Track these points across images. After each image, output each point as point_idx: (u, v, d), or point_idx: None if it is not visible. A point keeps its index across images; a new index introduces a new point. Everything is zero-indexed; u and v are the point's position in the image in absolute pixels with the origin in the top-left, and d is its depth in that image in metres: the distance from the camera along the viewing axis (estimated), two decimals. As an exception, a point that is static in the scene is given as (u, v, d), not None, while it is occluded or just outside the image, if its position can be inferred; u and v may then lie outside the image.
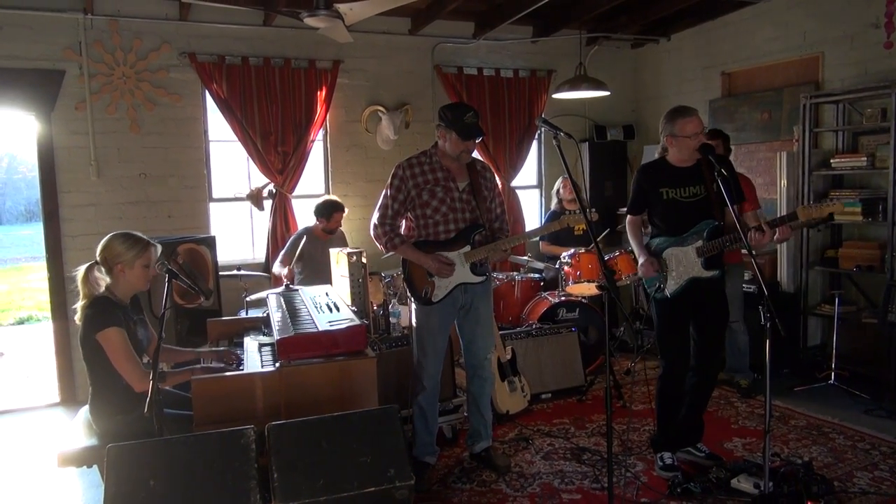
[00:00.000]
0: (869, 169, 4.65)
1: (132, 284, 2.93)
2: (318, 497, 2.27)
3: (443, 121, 3.27)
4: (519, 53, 6.24)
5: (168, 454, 2.30)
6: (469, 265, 3.33)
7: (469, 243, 3.33)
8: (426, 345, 3.39)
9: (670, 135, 3.24)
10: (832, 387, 4.57)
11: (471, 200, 3.36)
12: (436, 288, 3.31)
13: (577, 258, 4.93)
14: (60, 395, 5.01)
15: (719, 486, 3.19)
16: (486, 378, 3.55)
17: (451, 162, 3.33)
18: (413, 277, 3.37)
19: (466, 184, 3.36)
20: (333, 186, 5.72)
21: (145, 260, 2.90)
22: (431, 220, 3.32)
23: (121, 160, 5.06)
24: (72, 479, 3.62)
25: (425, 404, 3.44)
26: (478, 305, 3.43)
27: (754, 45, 5.58)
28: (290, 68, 5.36)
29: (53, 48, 4.80)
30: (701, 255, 3.23)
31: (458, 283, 3.33)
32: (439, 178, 3.31)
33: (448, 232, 3.33)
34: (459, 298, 3.38)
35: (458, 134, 3.22)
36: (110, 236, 2.92)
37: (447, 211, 3.31)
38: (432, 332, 3.38)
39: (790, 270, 5.09)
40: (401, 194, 3.32)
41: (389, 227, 3.33)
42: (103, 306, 2.82)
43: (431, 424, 3.51)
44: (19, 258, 16.52)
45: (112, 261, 2.86)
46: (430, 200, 3.30)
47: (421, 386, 3.42)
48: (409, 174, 3.31)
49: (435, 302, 3.33)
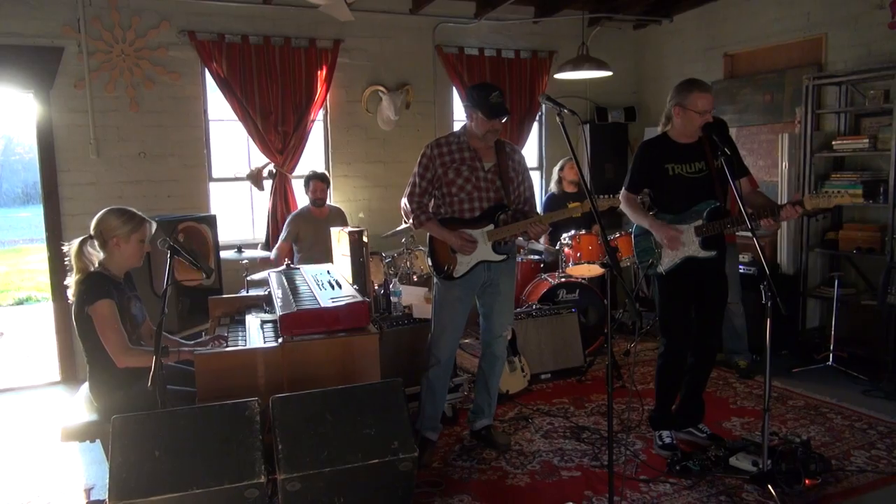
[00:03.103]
0: (871, 151, 4.64)
1: (126, 259, 2.93)
2: (323, 468, 2.28)
3: (469, 100, 3.30)
4: (520, 34, 6.20)
5: (173, 426, 2.31)
6: (491, 244, 3.35)
7: (493, 222, 3.35)
8: (444, 319, 3.42)
9: (679, 105, 3.19)
10: (830, 368, 4.59)
11: (496, 181, 3.37)
12: (458, 264, 3.35)
13: (578, 239, 4.92)
14: (61, 374, 5.02)
15: (718, 465, 3.22)
16: (498, 356, 3.57)
17: (478, 142, 3.35)
18: (436, 253, 3.41)
19: (493, 164, 3.38)
20: (334, 167, 5.70)
21: (141, 235, 2.92)
22: (457, 199, 3.35)
23: (120, 139, 5.03)
24: (74, 455, 3.64)
25: (435, 379, 3.47)
26: (500, 284, 3.46)
27: (757, 26, 5.55)
28: (290, 47, 5.32)
29: (51, 25, 4.75)
30: (699, 234, 3.22)
31: (479, 260, 3.36)
32: (465, 158, 3.34)
33: (472, 210, 3.35)
34: (482, 276, 3.40)
35: (483, 113, 3.23)
36: (106, 210, 2.92)
37: (472, 189, 3.34)
38: (452, 308, 3.41)
39: (790, 252, 5.10)
40: (428, 173, 3.36)
41: (417, 205, 3.38)
42: (96, 280, 2.83)
43: (439, 401, 3.54)
44: (17, 240, 16.48)
45: (107, 234, 2.86)
46: (456, 179, 3.33)
47: (434, 359, 3.45)
48: (436, 153, 3.35)
49: (456, 277, 3.36)
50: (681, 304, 3.37)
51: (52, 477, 3.45)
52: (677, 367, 3.43)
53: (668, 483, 3.13)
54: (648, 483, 3.15)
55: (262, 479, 2.24)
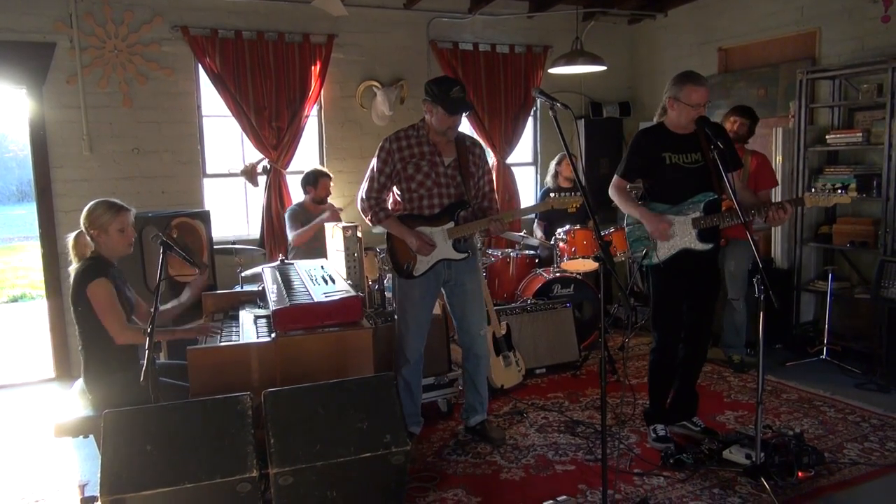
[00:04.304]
0: (864, 145, 4.65)
1: (113, 248, 3.02)
2: (315, 462, 2.28)
3: (429, 95, 3.24)
4: (515, 29, 6.19)
5: (165, 420, 2.31)
6: (451, 241, 3.33)
7: (453, 220, 3.32)
8: (408, 319, 3.40)
9: (674, 97, 3.19)
10: (824, 362, 4.60)
11: (456, 176, 3.34)
12: (417, 262, 3.32)
13: (572, 234, 4.93)
14: (55, 371, 5.01)
15: (711, 458, 3.22)
16: (480, 356, 3.55)
17: (438, 137, 3.30)
18: (395, 251, 3.37)
19: (453, 159, 3.34)
20: (328, 162, 5.69)
21: (119, 224, 2.99)
22: (416, 195, 3.31)
23: (113, 135, 5.01)
24: (69, 451, 3.64)
25: (409, 377, 3.46)
26: (464, 282, 3.43)
27: (751, 20, 5.55)
28: (283, 42, 5.31)
29: (43, 20, 4.73)
30: (696, 226, 3.22)
31: (439, 258, 3.33)
32: (425, 153, 3.30)
33: (433, 207, 3.32)
34: (442, 274, 3.38)
35: (444, 109, 3.19)
36: (91, 203, 3.03)
37: (432, 185, 3.30)
38: (414, 306, 3.38)
39: (784, 247, 5.11)
40: (387, 167, 3.31)
41: (375, 201, 3.33)
42: (93, 262, 2.95)
43: (416, 396, 3.53)
44: (12, 238, 16.43)
45: (90, 227, 2.98)
46: (416, 174, 3.29)
47: (404, 359, 3.43)
48: (395, 147, 3.30)
49: (416, 276, 3.33)
50: (673, 299, 3.37)
51: (46, 473, 3.44)
52: (669, 362, 3.44)
53: (661, 476, 3.14)
54: (642, 476, 3.15)
55: (254, 473, 2.24)
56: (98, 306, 2.85)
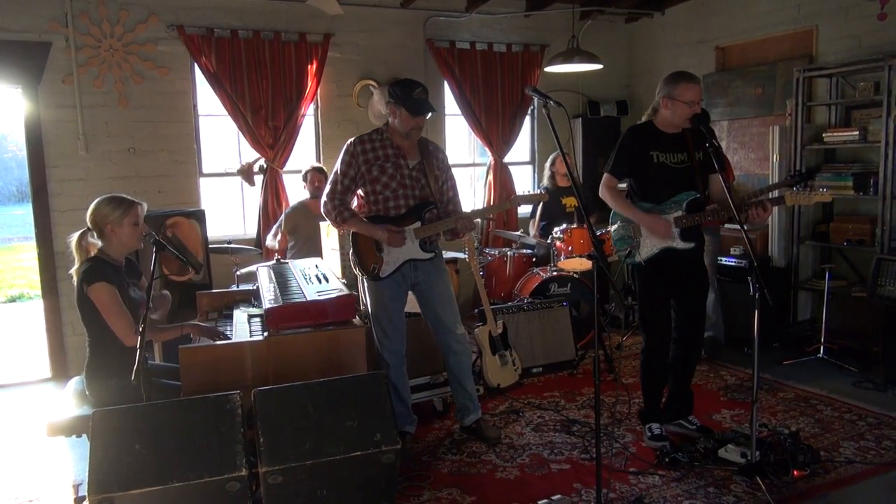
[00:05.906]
0: (861, 143, 4.64)
1: (124, 243, 2.99)
2: (305, 461, 2.27)
3: (392, 97, 3.25)
4: (512, 28, 6.18)
5: (154, 419, 2.30)
6: (418, 242, 3.32)
7: (419, 220, 3.32)
8: (382, 321, 3.38)
9: (668, 96, 3.19)
10: (821, 360, 4.59)
11: (420, 178, 3.34)
12: (384, 264, 3.31)
13: (569, 234, 4.92)
14: (52, 371, 5.00)
15: (707, 456, 3.21)
16: (460, 352, 3.52)
17: (402, 139, 3.31)
18: (361, 253, 3.34)
19: (417, 162, 3.35)
20: (325, 161, 5.67)
21: (133, 217, 2.97)
22: (381, 196, 3.31)
23: (109, 134, 5.00)
24: (63, 451, 3.63)
25: (394, 378, 3.43)
26: (433, 284, 3.42)
27: (748, 18, 5.54)
28: (280, 42, 5.30)
29: (38, 19, 4.72)
30: (678, 225, 3.22)
31: (406, 258, 3.32)
32: (389, 155, 3.30)
33: (398, 208, 3.32)
34: (409, 275, 3.37)
35: (407, 110, 3.20)
36: (97, 200, 3.00)
37: (397, 187, 3.30)
38: (386, 308, 3.37)
39: (781, 245, 5.10)
40: (351, 170, 3.31)
41: (339, 202, 3.32)
42: (95, 263, 2.92)
43: (405, 396, 3.51)
44: (11, 238, 16.43)
45: (101, 222, 2.94)
46: (381, 176, 3.29)
47: (386, 363, 3.41)
48: (359, 150, 3.30)
49: (383, 277, 3.32)
50: (659, 298, 3.36)
51: (40, 473, 3.43)
52: (660, 361, 3.43)
53: (657, 475, 3.13)
54: (637, 475, 3.14)
55: (244, 472, 2.23)
56: (103, 311, 2.83)
